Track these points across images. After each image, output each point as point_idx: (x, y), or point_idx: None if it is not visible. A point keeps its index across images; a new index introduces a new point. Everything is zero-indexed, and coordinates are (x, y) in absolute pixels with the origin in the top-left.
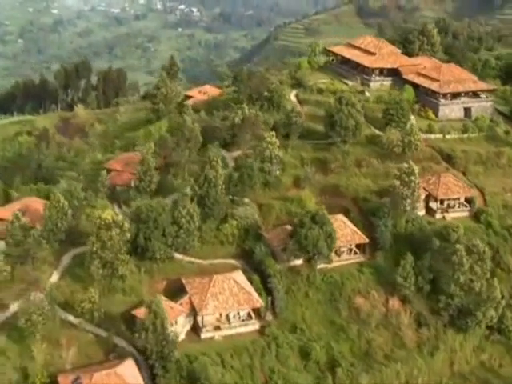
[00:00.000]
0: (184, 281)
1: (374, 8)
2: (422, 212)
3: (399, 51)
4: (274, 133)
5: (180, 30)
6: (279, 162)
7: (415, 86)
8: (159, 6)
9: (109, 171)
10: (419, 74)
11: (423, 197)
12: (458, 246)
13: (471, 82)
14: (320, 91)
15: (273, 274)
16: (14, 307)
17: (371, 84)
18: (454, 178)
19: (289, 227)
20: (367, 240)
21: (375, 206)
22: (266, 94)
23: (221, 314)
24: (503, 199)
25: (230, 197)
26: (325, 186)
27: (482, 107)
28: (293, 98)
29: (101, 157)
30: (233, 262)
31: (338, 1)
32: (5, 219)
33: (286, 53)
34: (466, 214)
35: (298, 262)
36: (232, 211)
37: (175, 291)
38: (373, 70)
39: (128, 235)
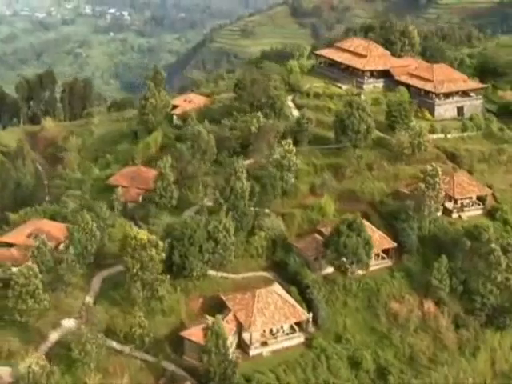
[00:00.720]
0: (224, 297)
1: (308, 8)
2: (439, 213)
3: (389, 53)
4: (290, 140)
5: (112, 34)
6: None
7: (407, 87)
8: (88, 11)
9: (112, 187)
10: (411, 75)
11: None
12: (493, 245)
13: (462, 81)
14: (317, 95)
15: (311, 285)
16: (54, 336)
17: (365, 86)
18: (467, 177)
19: (318, 236)
20: (395, 244)
21: (394, 209)
22: (267, 100)
23: (264, 330)
24: None
25: (252, 208)
26: (341, 192)
27: (473, 105)
28: (290, 103)
29: (98, 172)
30: (265, 274)
31: (269, 2)
32: (17, 244)
33: (223, 55)
34: (479, 212)
35: (329, 270)
36: (259, 223)
37: (213, 309)
38: (365, 72)
39: (163, 254)
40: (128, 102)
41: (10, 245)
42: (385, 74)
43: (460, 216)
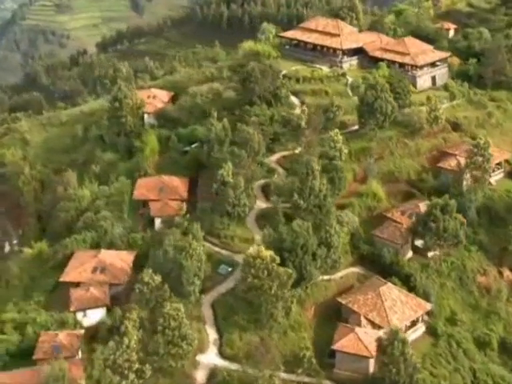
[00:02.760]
0: (343, 301)
1: None
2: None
3: (356, 29)
4: (337, 130)
5: None
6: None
7: (380, 62)
8: None
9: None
10: (385, 50)
11: None
12: None
13: (431, 52)
14: (306, 79)
15: (414, 273)
16: (200, 376)
17: (344, 66)
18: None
19: (397, 223)
20: (464, 220)
21: (436, 184)
22: (273, 90)
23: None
24: None
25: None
26: (383, 175)
27: (442, 74)
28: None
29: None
30: (356, 269)
31: None
32: (84, 282)
33: (39, 34)
34: (501, 175)
35: (409, 255)
36: (338, 219)
37: (329, 314)
38: (342, 51)
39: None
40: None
41: (76, 284)
42: (356, 51)
43: (490, 182)
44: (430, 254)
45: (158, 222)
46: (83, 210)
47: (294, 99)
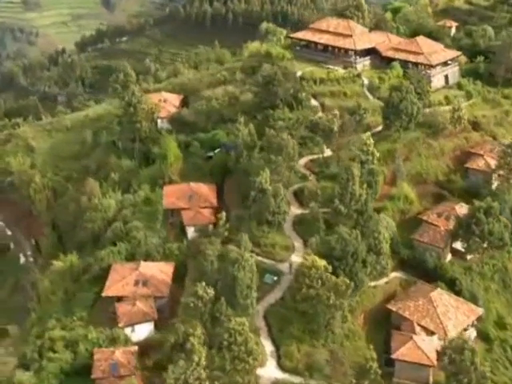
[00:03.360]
0: (393, 308)
1: None
2: None
3: (367, 30)
4: (369, 133)
5: None
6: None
7: (392, 62)
8: None
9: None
10: (398, 50)
11: None
12: None
13: (443, 51)
14: (322, 81)
15: (459, 276)
16: None
17: (357, 66)
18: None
19: (434, 226)
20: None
21: (465, 185)
22: (294, 93)
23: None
24: None
25: None
26: (412, 176)
27: (454, 73)
28: None
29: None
30: (398, 274)
31: None
32: (128, 296)
33: (6, 32)
34: None
35: (449, 258)
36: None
37: (378, 321)
38: (355, 52)
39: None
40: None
41: (119, 298)
42: (368, 52)
43: None
44: (468, 257)
45: (190, 231)
46: (110, 221)
47: (313, 101)
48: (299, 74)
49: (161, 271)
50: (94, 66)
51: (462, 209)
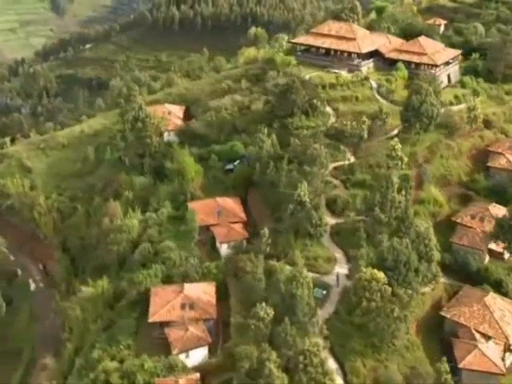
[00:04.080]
0: (448, 314)
1: None
2: None
3: (368, 32)
4: (397, 139)
5: None
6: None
7: (395, 63)
8: None
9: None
10: (401, 51)
11: None
12: None
13: (444, 50)
14: (333, 86)
15: (505, 278)
16: None
17: (362, 69)
18: None
19: (469, 228)
20: None
21: (490, 185)
22: (310, 100)
23: None
24: None
25: None
26: (437, 179)
27: (455, 71)
28: None
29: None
30: (441, 279)
31: None
32: (176, 320)
33: None
34: None
35: (487, 259)
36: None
37: (430, 329)
38: (359, 55)
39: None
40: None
41: (166, 323)
42: (370, 54)
43: None
44: (506, 257)
45: (224, 248)
46: (134, 242)
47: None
48: (306, 77)
49: (204, 292)
50: (58, 76)
51: (495, 209)
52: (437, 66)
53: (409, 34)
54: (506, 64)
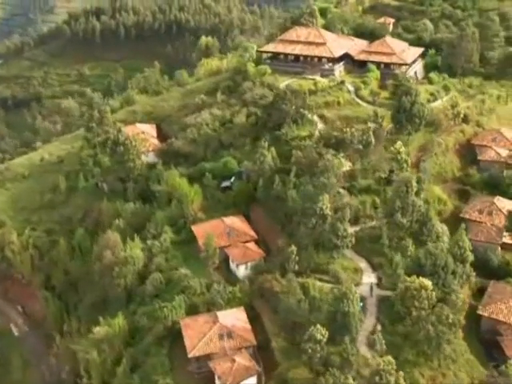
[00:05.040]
0: (485, 313)
1: None
2: None
3: (336, 35)
4: (401, 142)
5: None
6: None
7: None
8: None
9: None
10: (370, 52)
11: None
12: None
13: (409, 49)
14: (313, 93)
15: None
16: None
17: (335, 73)
18: None
19: (482, 223)
20: None
21: (485, 178)
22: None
23: None
24: None
25: None
26: (434, 177)
27: (420, 68)
28: None
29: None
30: None
31: None
32: (215, 353)
33: None
34: None
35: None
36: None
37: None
38: (329, 59)
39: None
40: None
41: (206, 356)
42: (340, 57)
43: None
44: None
45: (242, 269)
46: (141, 273)
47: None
48: (281, 85)
49: (237, 319)
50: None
51: (500, 202)
52: (407, 64)
53: (360, 33)
54: (466, 58)
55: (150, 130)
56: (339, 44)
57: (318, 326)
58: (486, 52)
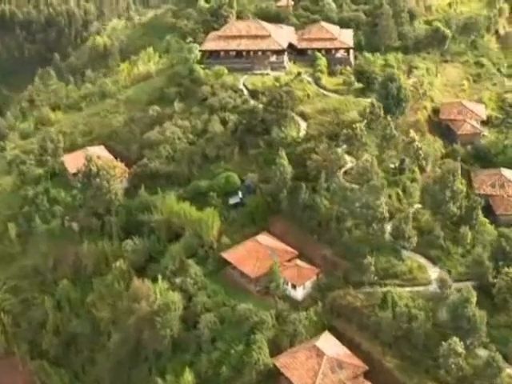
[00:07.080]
0: None
1: None
2: None
3: (273, 26)
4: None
5: None
6: None
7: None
8: None
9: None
10: (310, 39)
11: None
12: None
13: (342, 33)
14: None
15: None
16: None
17: (285, 65)
18: None
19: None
20: None
21: (471, 151)
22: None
23: None
24: None
25: None
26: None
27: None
28: None
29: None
30: None
31: None
32: None
33: None
34: None
35: None
36: None
37: None
38: (275, 51)
39: None
40: None
41: None
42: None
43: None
44: None
45: (300, 290)
46: (182, 317)
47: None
48: (241, 85)
49: (335, 345)
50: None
51: (507, 172)
52: (352, 48)
53: (265, 18)
54: (387, 35)
55: (104, 153)
56: (281, 34)
57: (455, 338)
58: (401, 28)
